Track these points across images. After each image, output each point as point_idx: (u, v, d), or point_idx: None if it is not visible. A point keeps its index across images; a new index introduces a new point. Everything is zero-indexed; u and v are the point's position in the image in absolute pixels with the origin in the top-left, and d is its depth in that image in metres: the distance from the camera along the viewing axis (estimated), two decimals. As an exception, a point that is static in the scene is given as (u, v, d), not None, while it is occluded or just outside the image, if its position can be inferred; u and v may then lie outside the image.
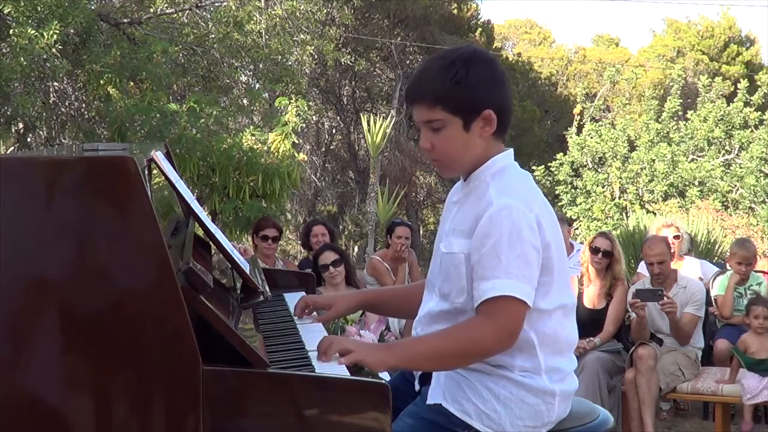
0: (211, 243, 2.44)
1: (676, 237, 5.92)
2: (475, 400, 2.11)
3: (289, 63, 9.91)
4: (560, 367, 2.18)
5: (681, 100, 15.55)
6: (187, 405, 1.81)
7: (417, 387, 2.28)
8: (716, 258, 7.94)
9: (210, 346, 1.84)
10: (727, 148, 15.06)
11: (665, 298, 4.81)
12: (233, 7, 8.97)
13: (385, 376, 1.98)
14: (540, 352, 2.12)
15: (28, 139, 8.75)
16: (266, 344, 2.26)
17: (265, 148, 7.73)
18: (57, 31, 6.81)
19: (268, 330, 2.45)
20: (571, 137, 15.63)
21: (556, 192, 15.15)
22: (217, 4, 9.25)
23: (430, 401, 2.14)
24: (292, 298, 2.86)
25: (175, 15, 9.17)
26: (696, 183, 14.35)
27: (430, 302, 2.22)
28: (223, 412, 1.82)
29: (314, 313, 2.57)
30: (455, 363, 2.09)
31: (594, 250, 5.11)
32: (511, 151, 2.20)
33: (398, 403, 2.25)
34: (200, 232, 2.53)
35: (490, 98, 2.10)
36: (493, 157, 2.15)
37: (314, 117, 13.95)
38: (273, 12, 9.56)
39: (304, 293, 2.98)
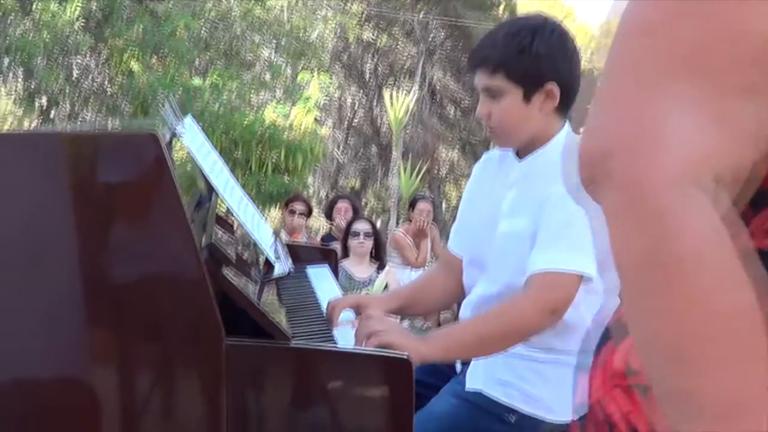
0: (233, 217, 2.44)
1: None
2: (520, 384, 2.07)
3: (312, 38, 9.87)
4: None
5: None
6: (210, 378, 1.80)
7: (458, 367, 2.25)
8: None
9: (233, 320, 1.83)
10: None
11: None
12: (255, -18, 8.94)
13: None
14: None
15: (51, 114, 8.78)
16: (289, 318, 2.25)
17: (288, 123, 7.73)
18: (80, 6, 6.82)
19: (290, 304, 2.44)
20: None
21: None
22: (239, -21, 9.21)
23: (469, 387, 2.11)
24: (315, 272, 2.86)
25: (197, -10, 9.14)
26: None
27: (483, 285, 2.16)
28: (245, 385, 1.82)
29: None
30: (497, 347, 2.00)
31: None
32: (569, 128, 2.14)
33: (435, 380, 2.25)
34: (223, 207, 2.53)
35: (554, 71, 2.03)
36: (555, 134, 2.09)
37: (337, 92, 13.90)
38: (295, -13, 9.51)
39: (327, 267, 2.99)
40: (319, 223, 10.78)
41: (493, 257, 2.13)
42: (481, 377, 2.11)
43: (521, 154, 2.15)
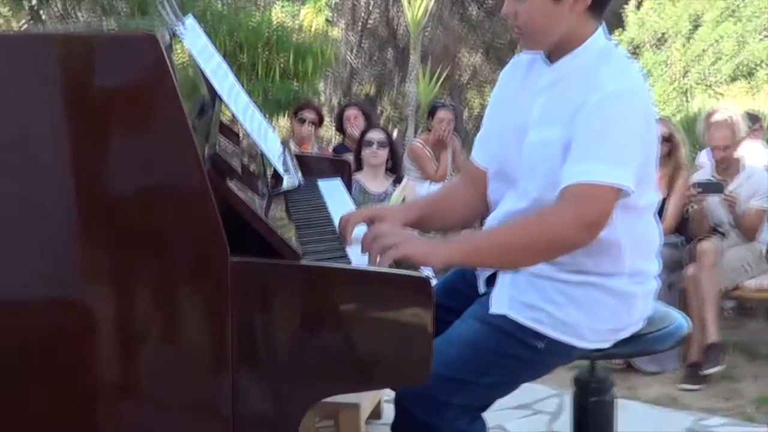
0: (238, 126, 2.43)
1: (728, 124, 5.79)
2: (547, 307, 2.07)
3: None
4: (644, 270, 2.14)
5: (751, -27, 14.99)
6: (215, 298, 1.81)
7: (482, 289, 2.24)
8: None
9: (238, 236, 1.83)
10: (802, 25, 14.57)
11: (726, 192, 4.76)
12: None
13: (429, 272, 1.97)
14: (627, 255, 2.07)
15: (42, 14, 8.69)
16: (299, 235, 2.25)
17: (297, 24, 7.63)
18: None
19: (300, 219, 2.44)
20: (629, 14, 15.21)
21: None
22: None
23: (493, 310, 2.11)
24: (327, 186, 2.86)
25: None
26: (766, 64, 13.97)
27: (510, 200, 2.15)
28: (252, 306, 1.82)
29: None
30: (524, 258, 2.01)
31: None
32: (604, 31, 2.10)
33: (456, 303, 2.25)
34: (228, 115, 2.51)
35: None
36: (588, 37, 2.05)
37: (350, -10, 13.71)
38: None
39: (339, 180, 2.99)
40: (330, 132, 10.75)
41: (521, 169, 2.11)
42: (506, 300, 2.11)
43: (552, 57, 2.11)
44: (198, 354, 1.84)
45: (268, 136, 2.48)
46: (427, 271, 2.00)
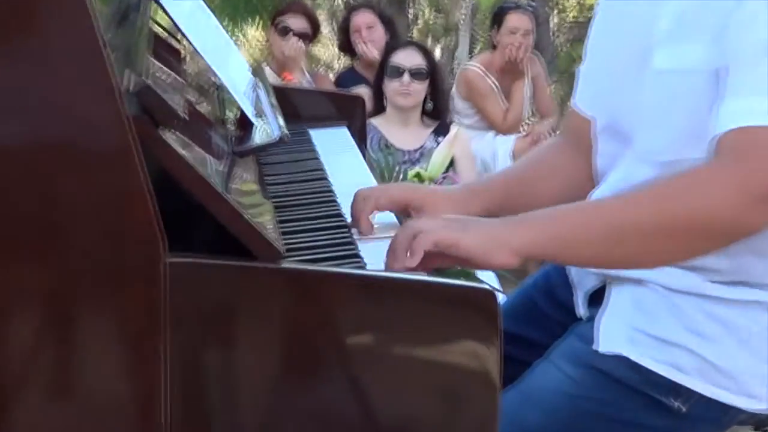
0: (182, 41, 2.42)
1: None
2: (691, 342, 2.05)
3: None
4: None
5: None
6: (140, 322, 1.81)
7: (581, 311, 2.26)
8: None
9: (182, 222, 1.83)
10: None
11: None
12: None
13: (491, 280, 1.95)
14: None
15: None
16: (279, 218, 2.26)
17: None
18: None
19: (282, 194, 2.47)
20: None
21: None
22: None
23: (604, 348, 2.10)
24: (326, 139, 2.90)
25: None
26: None
27: (627, 167, 2.15)
28: (201, 335, 1.83)
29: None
30: (652, 253, 1.98)
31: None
32: None
33: (536, 332, 2.29)
34: (167, 21, 2.51)
35: None
36: None
37: None
38: None
39: (346, 129, 3.03)
40: (331, 52, 10.74)
41: (642, 118, 2.10)
42: (624, 331, 2.10)
43: None
44: (109, 415, 1.83)
45: (230, 58, 2.50)
46: (488, 280, 1.99)
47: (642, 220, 1.93)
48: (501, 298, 1.92)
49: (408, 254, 1.92)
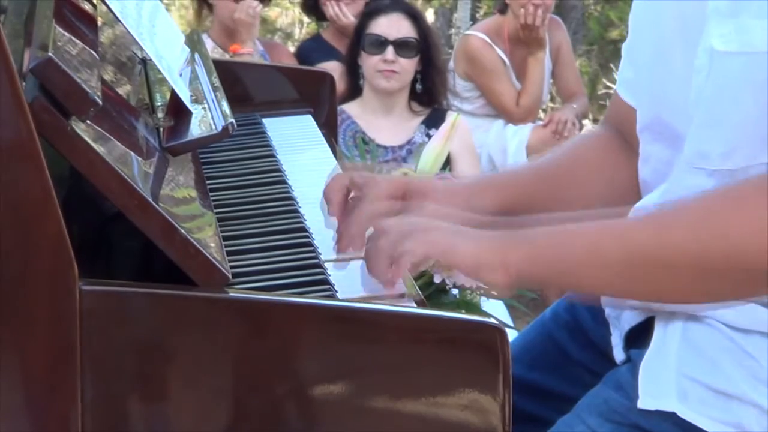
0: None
1: None
2: (761, 396, 2.05)
3: None
4: None
5: None
6: (47, 361, 1.83)
7: (619, 354, 2.26)
8: None
9: (97, 239, 1.85)
10: None
11: None
12: None
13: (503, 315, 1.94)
14: None
15: None
16: (225, 234, 2.27)
17: None
18: None
19: (226, 203, 2.48)
20: None
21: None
22: None
23: (647, 402, 2.10)
24: (284, 129, 2.92)
25: None
26: None
27: (678, 176, 2.14)
28: (125, 375, 1.85)
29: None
30: (675, 290, 2.00)
31: None
32: None
33: (557, 381, 2.31)
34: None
35: None
36: None
37: None
38: None
39: (310, 117, 3.03)
40: (292, 16, 10.75)
41: (695, 111, 2.09)
42: (674, 378, 2.09)
43: None
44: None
45: (158, 25, 2.50)
46: (495, 312, 1.99)
47: (667, 249, 1.95)
48: (511, 335, 1.91)
49: (391, 265, 1.94)
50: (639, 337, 2.18)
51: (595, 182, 2.41)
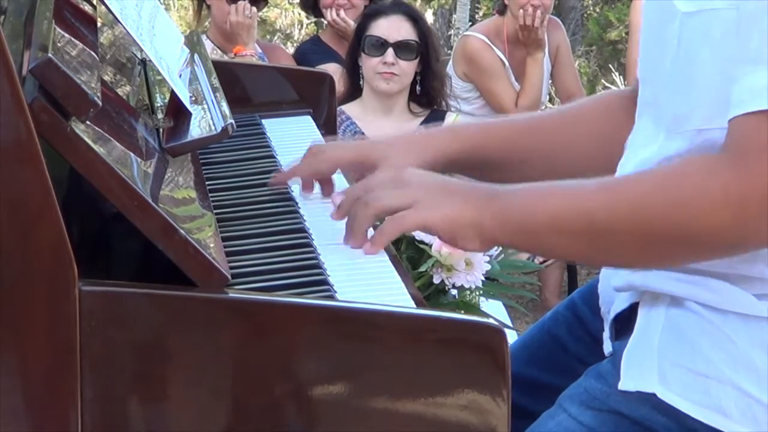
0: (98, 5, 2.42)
1: None
2: (741, 379, 2.04)
3: None
4: None
5: None
6: (48, 362, 1.83)
7: (608, 346, 2.26)
8: None
9: (98, 239, 1.85)
10: None
11: None
12: None
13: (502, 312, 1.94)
14: None
15: None
16: (225, 235, 2.26)
17: None
18: None
19: (226, 203, 2.48)
20: None
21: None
22: None
23: (628, 384, 2.10)
24: (283, 130, 2.91)
25: None
26: None
27: (646, 139, 2.17)
28: (124, 376, 1.85)
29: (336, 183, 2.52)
30: (636, 252, 2.02)
31: None
32: None
33: (548, 373, 2.32)
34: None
35: None
36: None
37: None
38: None
39: (309, 118, 3.03)
40: (291, 16, 10.73)
41: (668, 76, 2.12)
42: (656, 364, 2.08)
43: None
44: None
45: (158, 26, 2.50)
46: (494, 313, 1.98)
47: (616, 219, 1.98)
48: (511, 335, 1.90)
49: (369, 237, 2.00)
50: (624, 327, 2.19)
51: (588, 138, 2.43)
